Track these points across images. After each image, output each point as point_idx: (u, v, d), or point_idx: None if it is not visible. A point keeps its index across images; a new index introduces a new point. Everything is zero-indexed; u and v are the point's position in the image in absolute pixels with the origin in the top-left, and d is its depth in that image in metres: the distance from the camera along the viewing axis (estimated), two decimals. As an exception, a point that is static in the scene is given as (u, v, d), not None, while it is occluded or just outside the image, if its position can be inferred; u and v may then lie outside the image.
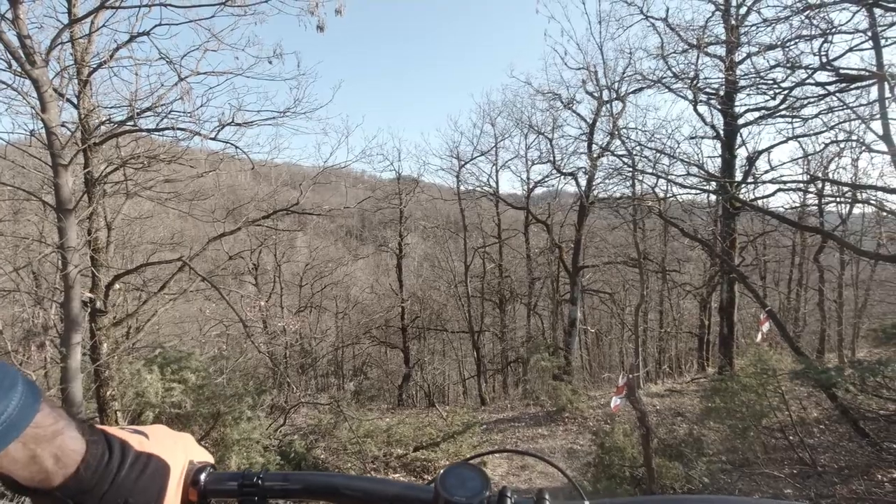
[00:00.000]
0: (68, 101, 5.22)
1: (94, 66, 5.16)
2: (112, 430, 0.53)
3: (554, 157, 15.35)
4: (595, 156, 12.65)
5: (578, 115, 14.04)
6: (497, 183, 18.09)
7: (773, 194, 9.66)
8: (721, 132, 10.33)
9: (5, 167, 5.75)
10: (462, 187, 17.90)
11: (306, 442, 7.58)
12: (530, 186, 17.51)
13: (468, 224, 18.06)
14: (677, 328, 18.30)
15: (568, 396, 9.79)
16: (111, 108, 6.03)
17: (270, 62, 5.49)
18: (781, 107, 7.64)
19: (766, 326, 7.34)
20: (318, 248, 22.38)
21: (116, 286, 6.66)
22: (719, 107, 9.60)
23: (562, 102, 13.86)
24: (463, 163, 17.76)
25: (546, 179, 17.32)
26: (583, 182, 13.95)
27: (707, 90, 9.01)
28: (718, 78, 8.69)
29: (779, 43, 6.06)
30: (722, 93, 9.05)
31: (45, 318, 5.23)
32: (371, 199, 16.74)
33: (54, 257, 5.33)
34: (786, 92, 7.15)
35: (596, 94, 12.76)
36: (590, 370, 19.05)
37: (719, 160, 10.73)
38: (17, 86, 4.05)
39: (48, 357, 5.60)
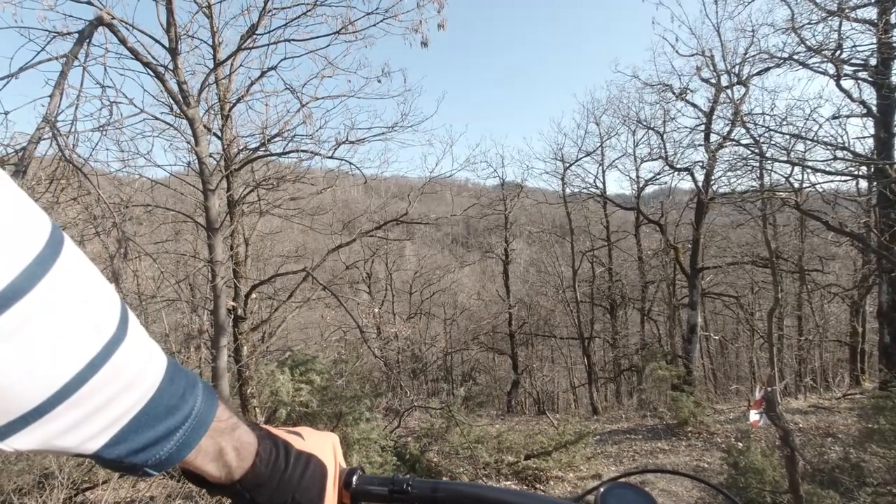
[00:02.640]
0: (214, 134, 6.01)
1: (234, 101, 5.89)
2: (270, 429, 0.54)
3: (666, 152, 14.39)
4: (714, 147, 11.59)
5: (693, 105, 13.00)
6: (604, 183, 17.47)
7: (947, 176, 8.09)
8: (874, 108, 8.90)
9: (168, 195, 6.78)
10: (567, 190, 17.47)
11: (420, 445, 7.81)
12: (640, 185, 16.60)
13: (575, 227, 17.53)
14: (821, 336, 16.05)
15: (690, 409, 9.00)
16: (247, 136, 6.84)
17: (379, 81, 5.84)
18: (957, 72, 6.40)
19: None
20: (426, 256, 23.20)
21: (253, 295, 7.48)
22: (871, 79, 8.28)
23: (673, 93, 12.95)
24: (567, 165, 17.36)
25: (657, 177, 16.30)
26: (700, 177, 12.88)
27: (853, 61, 7.83)
28: (869, 45, 7.52)
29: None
30: (874, 62, 7.80)
31: (199, 324, 6.05)
32: (476, 206, 17.01)
33: (205, 270, 6.15)
34: (963, 53, 5.98)
35: (713, 81, 11.73)
36: (714, 381, 17.45)
37: (871, 141, 9.26)
38: (177, 125, 4.77)
39: (202, 358, 6.45)
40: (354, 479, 0.61)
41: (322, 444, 0.59)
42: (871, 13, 7.40)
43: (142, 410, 0.40)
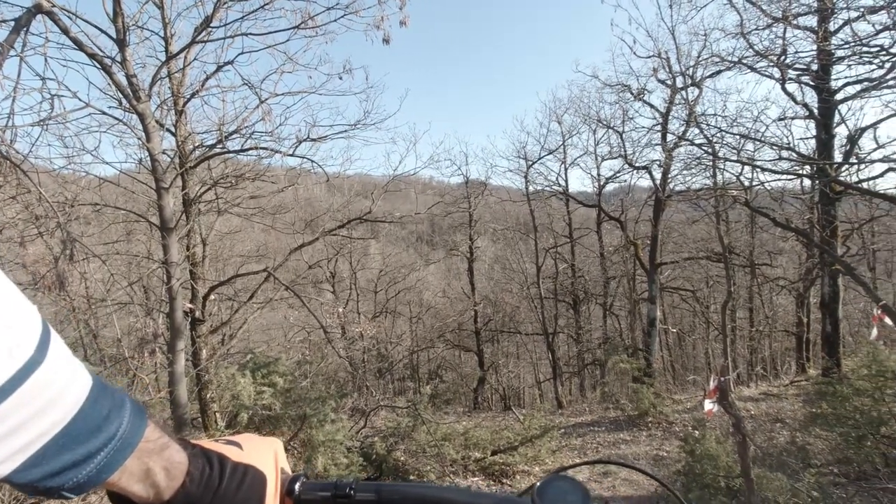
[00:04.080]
0: (167, 130, 5.77)
1: (188, 96, 5.67)
2: (206, 443, 0.54)
3: (625, 151, 14.77)
4: (670, 146, 11.99)
5: (650, 105, 13.40)
6: (566, 181, 17.73)
7: (881, 175, 8.61)
8: (815, 111, 9.42)
9: (119, 193, 6.47)
10: (531, 188, 17.71)
11: (386, 444, 7.78)
12: (601, 183, 16.98)
13: (538, 224, 17.78)
14: (771, 326, 16.90)
15: (650, 400, 9.33)
16: (203, 133, 6.61)
17: (341, 78, 5.74)
18: (889, 76, 6.82)
19: (882, 322, 6.56)
20: (391, 254, 23.08)
21: (212, 297, 7.24)
22: (812, 83, 8.75)
23: (632, 94, 13.29)
24: (531, 163, 17.57)
25: (618, 175, 16.72)
26: (657, 175, 13.31)
27: (797, 66, 8.25)
28: (810, 51, 7.93)
29: (885, 3, 5.42)
30: (815, 67, 8.25)
31: (154, 328, 5.81)
32: (440, 204, 17.00)
33: (160, 272, 5.91)
34: (894, 59, 6.38)
35: (669, 82, 12.11)
36: (673, 372, 18.09)
37: (813, 142, 9.80)
38: (127, 120, 4.55)
39: (158, 363, 6.19)
40: (297, 486, 0.60)
41: (262, 453, 0.58)
42: (812, 21, 7.82)
43: (60, 433, 0.39)
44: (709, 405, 5.48)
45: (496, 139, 68.26)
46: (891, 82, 6.96)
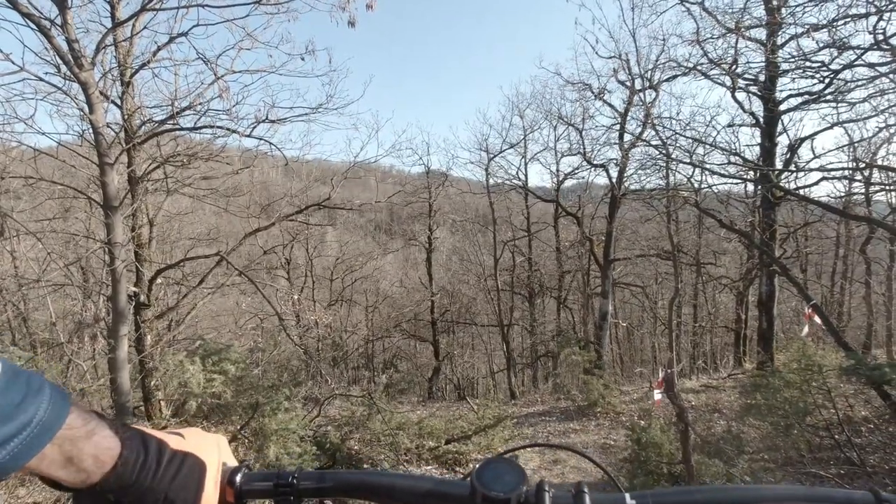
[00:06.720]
0: (113, 102, 5.41)
1: (137, 67, 5.32)
2: (148, 430, 0.55)
3: (584, 148, 15.10)
4: (627, 146, 12.36)
5: (610, 105, 13.74)
6: (526, 175, 17.95)
7: (816, 183, 9.26)
8: (761, 119, 9.93)
9: (56, 167, 6.01)
10: (491, 180, 17.79)
11: (341, 433, 7.70)
12: (560, 179, 17.31)
13: (497, 217, 17.94)
14: (712, 322, 17.83)
15: (599, 391, 9.65)
16: (152, 107, 6.23)
17: (303, 59, 5.55)
18: (826, 91, 7.28)
19: (812, 320, 7.05)
20: (349, 242, 22.72)
21: (158, 280, 6.90)
22: (759, 93, 9.22)
23: (592, 92, 13.58)
24: (492, 156, 17.65)
25: (576, 171, 17.09)
26: (614, 173, 13.70)
27: (746, 76, 8.65)
28: (759, 62, 8.34)
29: (826, 22, 5.75)
30: (762, 78, 8.68)
31: (94, 311, 5.47)
32: (400, 193, 16.86)
33: (101, 253, 5.56)
34: (832, 75, 6.80)
35: (628, 84, 12.46)
36: (621, 365, 18.81)
37: (758, 149, 10.35)
38: (67, 89, 4.22)
39: (98, 348, 5.86)
40: (239, 476, 0.61)
41: (204, 443, 0.59)
42: (762, 34, 8.22)
43: None
44: (657, 395, 5.72)
45: (458, 130, 68.10)
46: (828, 97, 7.44)
